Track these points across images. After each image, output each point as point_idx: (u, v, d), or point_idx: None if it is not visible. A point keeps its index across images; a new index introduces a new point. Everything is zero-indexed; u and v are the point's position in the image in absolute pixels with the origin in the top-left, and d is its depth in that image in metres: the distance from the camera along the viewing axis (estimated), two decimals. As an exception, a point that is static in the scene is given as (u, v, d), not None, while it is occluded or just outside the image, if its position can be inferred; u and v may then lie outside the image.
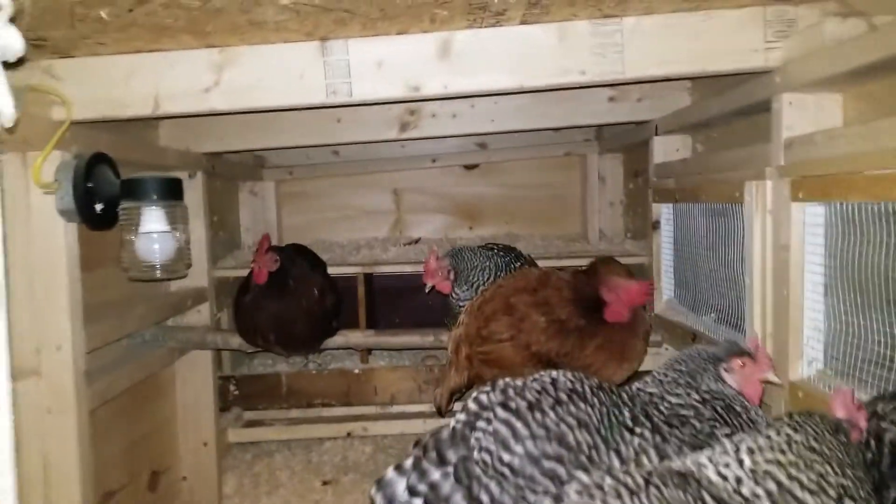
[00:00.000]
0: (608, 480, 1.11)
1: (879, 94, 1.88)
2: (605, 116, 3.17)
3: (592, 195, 4.34)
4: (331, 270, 3.43)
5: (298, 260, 3.01)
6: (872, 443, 1.23)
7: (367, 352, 3.79)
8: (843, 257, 1.91)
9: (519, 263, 2.90)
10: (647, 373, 2.87)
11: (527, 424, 1.47)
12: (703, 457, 1.20)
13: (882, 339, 1.79)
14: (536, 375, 1.62)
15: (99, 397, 2.26)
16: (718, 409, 1.60)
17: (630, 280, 2.46)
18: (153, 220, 2.18)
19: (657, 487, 1.08)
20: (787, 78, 2.02)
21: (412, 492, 1.47)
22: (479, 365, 2.43)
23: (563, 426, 1.47)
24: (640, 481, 1.09)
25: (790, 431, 1.19)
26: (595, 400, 1.54)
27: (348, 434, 3.59)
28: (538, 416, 1.48)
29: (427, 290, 2.89)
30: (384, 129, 3.25)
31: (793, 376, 2.01)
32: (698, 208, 2.83)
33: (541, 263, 3.36)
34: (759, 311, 2.22)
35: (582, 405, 1.51)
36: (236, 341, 2.97)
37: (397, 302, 4.54)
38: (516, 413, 1.49)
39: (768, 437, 1.18)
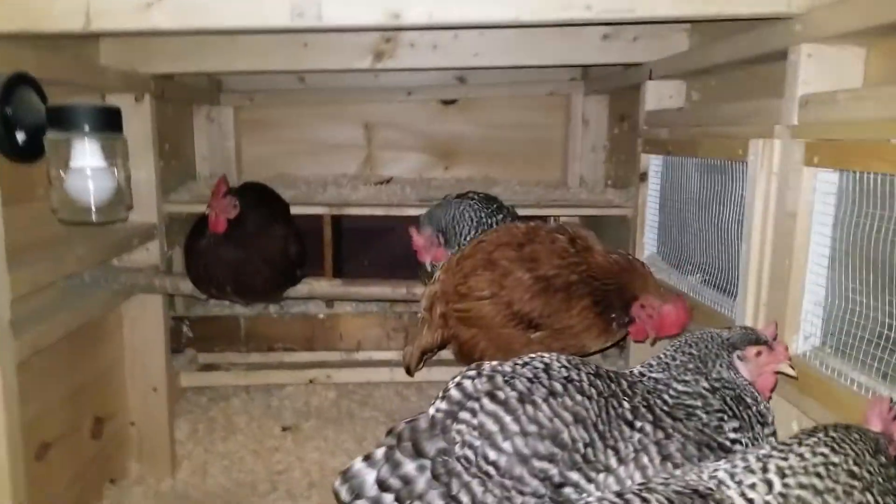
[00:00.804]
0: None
1: (912, 50, 1.68)
2: (597, 56, 2.92)
3: (575, 139, 4.11)
4: (295, 210, 3.18)
5: (259, 204, 2.74)
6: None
7: (331, 295, 3.60)
8: (855, 230, 1.75)
9: (501, 216, 2.68)
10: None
11: (517, 419, 1.31)
12: (721, 471, 1.04)
13: (888, 321, 1.65)
14: (527, 359, 1.44)
15: (29, 348, 2.03)
16: (728, 399, 1.45)
17: (667, 302, 2.18)
18: (86, 154, 1.90)
19: None
20: (809, 27, 1.80)
21: (382, 486, 1.30)
22: (455, 324, 2.25)
23: (557, 422, 1.31)
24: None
25: (827, 451, 1.03)
26: (593, 391, 1.37)
27: (311, 381, 3.43)
28: (530, 409, 1.32)
29: (429, 269, 2.64)
30: (356, 58, 2.95)
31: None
32: (693, 163, 2.64)
33: (519, 212, 3.16)
34: (754, 279, 2.07)
35: (578, 397, 1.34)
36: (188, 287, 2.73)
37: (366, 244, 4.32)
38: (505, 405, 1.32)
39: (801, 457, 1.02)
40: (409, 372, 2.43)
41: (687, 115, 2.71)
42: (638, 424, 1.36)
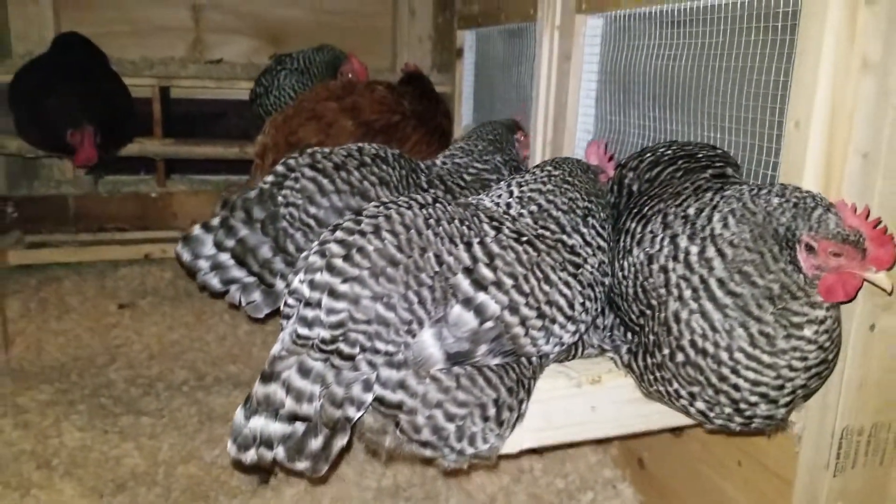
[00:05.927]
0: (401, 198, 1.25)
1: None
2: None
3: (402, 28, 4.34)
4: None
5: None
6: (615, 188, 1.49)
7: (164, 174, 3.62)
8: (615, 64, 2.17)
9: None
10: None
11: (332, 181, 1.57)
12: (481, 194, 1.38)
13: (637, 132, 2.09)
14: (346, 145, 1.72)
15: None
16: (513, 170, 1.85)
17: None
18: None
19: (443, 204, 1.24)
20: None
21: (220, 247, 1.53)
22: (286, 171, 2.48)
23: (366, 183, 1.59)
24: (430, 199, 1.24)
25: (550, 168, 1.41)
26: (396, 165, 1.68)
27: (146, 256, 3.49)
28: (343, 174, 1.59)
29: None
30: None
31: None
32: (497, 32, 2.97)
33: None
34: (542, 121, 2.46)
35: (384, 167, 1.64)
36: (14, 144, 2.67)
37: (196, 130, 4.31)
38: (323, 172, 1.58)
39: (533, 173, 1.39)
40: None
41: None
42: (432, 191, 1.68)
